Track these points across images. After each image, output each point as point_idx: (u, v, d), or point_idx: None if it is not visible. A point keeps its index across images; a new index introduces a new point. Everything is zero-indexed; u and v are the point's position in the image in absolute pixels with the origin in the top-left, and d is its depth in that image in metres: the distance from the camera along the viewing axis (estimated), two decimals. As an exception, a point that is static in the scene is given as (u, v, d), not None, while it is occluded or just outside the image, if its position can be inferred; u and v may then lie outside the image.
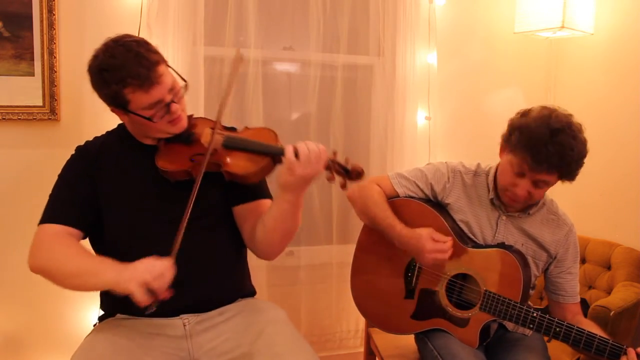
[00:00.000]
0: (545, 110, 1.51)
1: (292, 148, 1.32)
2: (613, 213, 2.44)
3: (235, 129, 1.52)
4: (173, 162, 1.40)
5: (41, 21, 2.05)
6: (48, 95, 2.09)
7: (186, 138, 1.43)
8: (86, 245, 1.44)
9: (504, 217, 1.65)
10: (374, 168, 2.55)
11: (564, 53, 2.72)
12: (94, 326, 1.46)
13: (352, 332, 2.60)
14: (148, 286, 1.18)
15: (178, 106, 1.37)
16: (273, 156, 1.39)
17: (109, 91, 1.31)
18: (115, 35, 1.36)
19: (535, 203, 1.63)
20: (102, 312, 1.48)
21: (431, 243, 1.55)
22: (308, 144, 1.32)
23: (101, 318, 1.47)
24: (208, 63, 2.28)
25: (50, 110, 2.10)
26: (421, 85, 2.49)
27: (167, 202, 1.40)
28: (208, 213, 1.43)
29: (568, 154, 1.45)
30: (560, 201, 2.87)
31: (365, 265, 1.79)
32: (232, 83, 1.52)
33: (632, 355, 1.37)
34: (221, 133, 1.42)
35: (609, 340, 1.41)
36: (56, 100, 2.10)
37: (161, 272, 1.20)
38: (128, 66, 1.28)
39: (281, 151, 1.35)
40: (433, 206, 1.69)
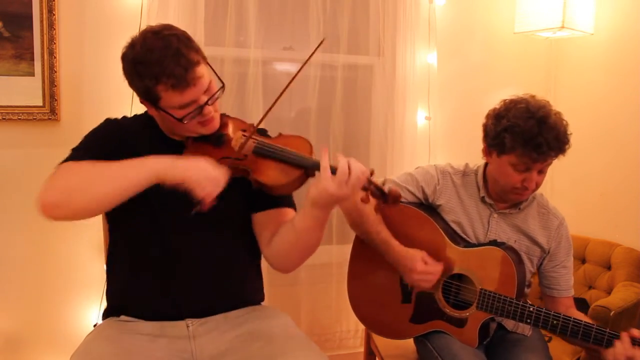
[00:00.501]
0: (518, 103, 1.54)
1: (330, 164, 1.24)
2: (613, 213, 2.44)
3: (266, 132, 1.47)
4: None
5: (41, 21, 2.05)
6: (48, 95, 2.09)
7: (216, 139, 1.36)
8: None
9: (496, 215, 1.66)
10: (374, 168, 2.54)
11: (564, 53, 2.72)
12: (94, 326, 1.45)
13: (352, 332, 2.60)
14: (201, 185, 1.17)
15: (211, 108, 1.31)
16: (306, 169, 1.31)
17: (141, 85, 1.25)
18: (156, 24, 1.29)
19: (525, 198, 1.64)
20: (104, 311, 1.46)
21: (422, 265, 1.57)
22: (350, 162, 1.24)
23: (105, 315, 1.45)
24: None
25: (50, 110, 2.10)
26: (421, 85, 2.49)
27: (187, 201, 1.35)
28: (226, 217, 1.37)
29: (561, 133, 1.49)
30: (560, 201, 2.87)
31: (360, 272, 1.79)
32: (285, 91, 1.37)
33: (626, 339, 1.40)
34: (254, 138, 1.34)
35: (606, 329, 1.43)
36: (56, 100, 2.10)
37: (217, 178, 1.19)
38: (165, 63, 1.21)
39: (316, 165, 1.27)
40: (424, 209, 1.70)
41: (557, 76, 2.76)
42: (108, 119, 1.42)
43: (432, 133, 2.50)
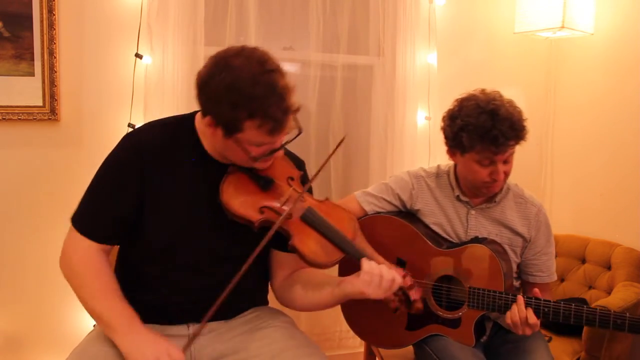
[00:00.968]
0: (469, 100, 1.56)
1: (372, 266, 1.26)
2: (613, 213, 2.44)
3: (307, 178, 1.42)
4: (241, 204, 1.27)
5: (41, 21, 2.05)
6: (48, 95, 2.09)
7: (264, 183, 1.30)
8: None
9: (473, 212, 1.67)
10: (374, 168, 2.55)
11: (564, 53, 2.72)
12: (94, 326, 1.45)
13: (352, 332, 2.58)
14: None
15: (281, 153, 1.29)
16: (347, 255, 1.30)
17: (230, 113, 1.16)
18: (257, 52, 1.22)
19: (500, 189, 1.65)
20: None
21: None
22: (383, 270, 1.26)
23: None
24: (208, 63, 2.28)
25: (50, 110, 2.10)
26: (421, 85, 2.49)
27: (215, 232, 1.32)
28: (246, 246, 1.27)
29: (516, 121, 1.52)
30: (560, 201, 2.87)
31: None
32: (329, 159, 1.38)
33: (520, 300, 1.48)
34: (304, 203, 1.31)
35: (597, 309, 1.46)
36: (56, 100, 2.10)
37: None
38: (268, 104, 1.15)
39: (358, 255, 1.29)
40: (403, 217, 1.71)
41: (557, 76, 2.76)
42: (129, 138, 1.35)
43: (432, 133, 2.50)
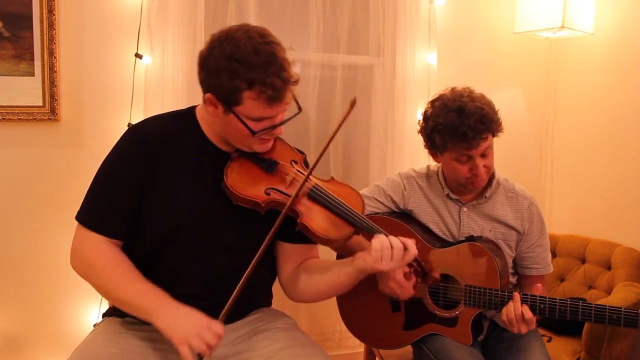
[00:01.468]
0: (437, 101, 1.59)
1: (381, 239, 1.25)
2: (613, 213, 2.44)
3: (307, 162, 1.42)
4: (246, 187, 1.27)
5: (41, 21, 2.05)
6: (48, 95, 2.09)
7: (268, 165, 1.31)
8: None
9: (465, 209, 1.68)
10: (374, 168, 2.55)
11: (564, 53, 2.72)
12: (94, 326, 1.45)
13: (352, 332, 2.60)
14: (197, 351, 1.16)
15: (282, 129, 1.28)
16: (357, 229, 1.30)
17: (229, 84, 1.17)
18: (258, 27, 1.23)
19: (489, 185, 1.66)
20: (105, 311, 1.45)
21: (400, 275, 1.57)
22: (394, 242, 1.25)
23: (107, 313, 1.43)
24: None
25: (50, 110, 2.10)
26: (421, 85, 2.49)
27: (222, 220, 1.31)
28: (252, 236, 1.30)
29: (484, 115, 1.52)
30: (560, 201, 2.87)
31: (349, 292, 1.79)
32: (338, 130, 1.33)
33: (517, 297, 1.48)
34: (310, 182, 1.30)
35: (592, 303, 1.46)
36: (56, 100, 2.10)
37: (212, 342, 1.16)
38: (267, 72, 1.16)
39: (368, 229, 1.29)
40: (398, 216, 1.72)
41: (557, 76, 2.76)
42: (133, 130, 1.35)
43: (432, 133, 2.50)
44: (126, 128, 2.05)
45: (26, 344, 2.17)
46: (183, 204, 1.29)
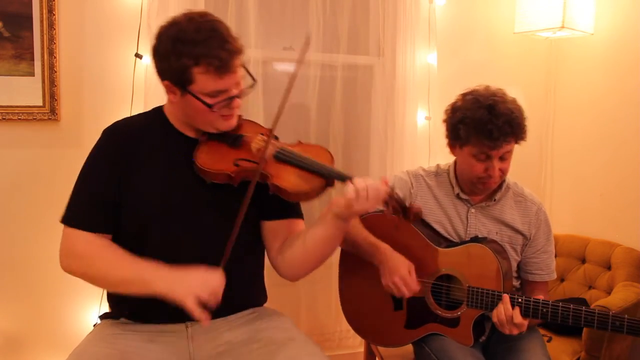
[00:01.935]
0: (468, 95, 1.58)
1: (351, 182, 1.26)
2: (613, 213, 2.44)
3: (277, 139, 1.44)
4: (215, 162, 1.31)
5: (41, 21, 2.05)
6: (48, 95, 2.09)
7: (233, 140, 1.35)
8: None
9: (473, 210, 1.67)
10: (374, 168, 2.55)
11: (564, 53, 2.72)
12: (94, 326, 1.45)
13: (352, 332, 2.55)
14: (202, 301, 1.18)
15: (240, 102, 1.32)
16: (328, 179, 1.32)
17: (177, 64, 1.22)
18: (202, 11, 1.30)
19: (499, 188, 1.66)
20: (105, 312, 1.46)
21: (405, 272, 1.57)
22: (367, 181, 1.26)
23: (102, 317, 1.45)
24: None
25: (50, 110, 2.10)
26: (421, 85, 2.49)
27: (198, 205, 1.34)
28: (232, 213, 1.30)
29: (514, 118, 1.52)
30: (560, 201, 2.87)
31: (350, 287, 1.79)
32: (291, 88, 1.35)
33: (506, 299, 1.49)
34: (274, 143, 1.34)
35: (595, 310, 1.45)
36: (56, 100, 2.10)
37: (215, 289, 1.19)
38: (210, 45, 1.21)
39: (337, 176, 1.30)
40: None
41: (557, 76, 2.76)
42: (106, 130, 1.39)
43: (432, 133, 2.50)
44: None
45: (26, 344, 2.17)
46: (160, 192, 1.32)
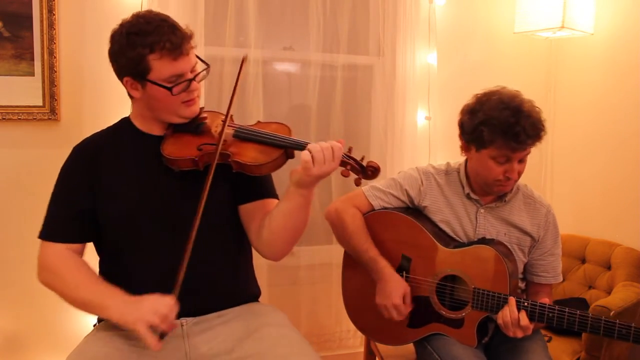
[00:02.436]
0: (492, 96, 1.56)
1: (307, 148, 1.30)
2: (613, 213, 2.44)
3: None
4: (180, 150, 1.36)
5: (41, 21, 2.05)
6: (48, 95, 2.09)
7: (195, 128, 1.40)
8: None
9: (482, 210, 1.66)
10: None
11: (564, 53, 2.72)
12: (94, 326, 1.46)
13: (352, 332, 2.59)
14: (154, 328, 1.20)
15: (197, 86, 1.37)
16: (286, 149, 1.36)
17: (133, 54, 1.29)
18: (142, 11, 1.39)
19: (510, 190, 1.65)
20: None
21: (398, 300, 1.58)
22: (321, 144, 1.29)
23: (99, 318, 1.45)
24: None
25: (50, 110, 2.10)
26: (421, 85, 2.49)
27: (172, 197, 1.38)
28: (214, 212, 1.36)
29: (538, 120, 1.52)
30: (560, 201, 2.87)
31: (354, 283, 1.79)
32: (239, 79, 1.44)
33: (513, 301, 1.49)
34: (232, 125, 1.40)
35: (602, 317, 1.44)
36: (56, 100, 2.10)
37: (166, 314, 1.21)
38: (161, 32, 1.29)
39: (294, 145, 1.34)
40: (410, 214, 1.70)
41: (557, 76, 2.76)
42: (75, 147, 1.45)
43: (432, 133, 2.50)
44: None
45: (26, 344, 2.17)
46: (134, 191, 1.37)
